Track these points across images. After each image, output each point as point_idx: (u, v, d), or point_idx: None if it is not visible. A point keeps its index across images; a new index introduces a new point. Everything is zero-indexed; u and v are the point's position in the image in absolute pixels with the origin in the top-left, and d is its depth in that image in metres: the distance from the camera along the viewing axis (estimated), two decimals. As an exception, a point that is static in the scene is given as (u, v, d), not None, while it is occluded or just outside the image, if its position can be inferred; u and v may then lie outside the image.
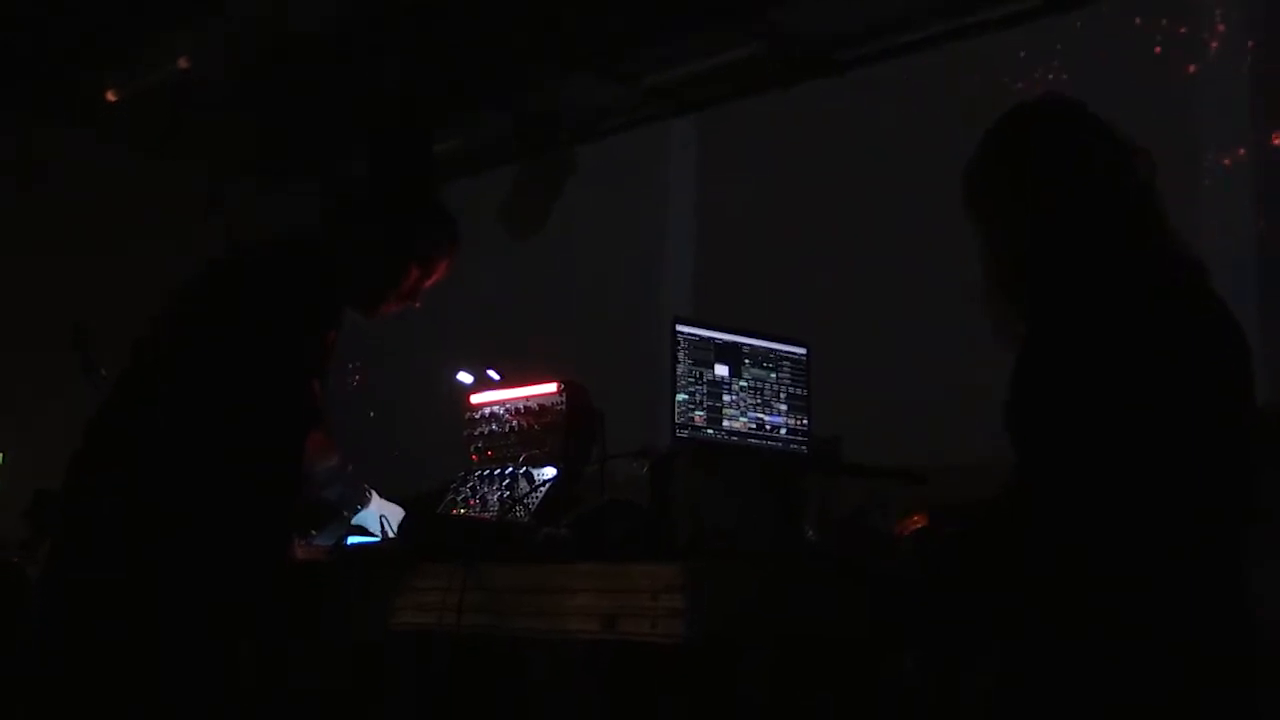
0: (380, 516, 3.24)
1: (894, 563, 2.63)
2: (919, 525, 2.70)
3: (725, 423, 2.98)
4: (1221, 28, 5.00)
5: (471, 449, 3.38)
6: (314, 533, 3.28)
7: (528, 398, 3.28)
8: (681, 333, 2.95)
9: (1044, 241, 2.30)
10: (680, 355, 2.93)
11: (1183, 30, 5.09)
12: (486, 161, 7.55)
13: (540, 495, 3.06)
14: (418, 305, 3.32)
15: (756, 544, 2.69)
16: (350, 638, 4.13)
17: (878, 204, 5.87)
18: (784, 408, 3.09)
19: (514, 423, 3.29)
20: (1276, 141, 4.80)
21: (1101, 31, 5.26)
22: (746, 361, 3.04)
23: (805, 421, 3.12)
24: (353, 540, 3.26)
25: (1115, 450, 2.11)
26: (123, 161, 7.02)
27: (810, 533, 2.89)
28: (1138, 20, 5.18)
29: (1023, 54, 5.50)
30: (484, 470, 3.28)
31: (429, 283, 3.29)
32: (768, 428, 3.06)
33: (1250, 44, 4.92)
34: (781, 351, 3.10)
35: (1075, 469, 2.13)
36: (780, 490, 2.89)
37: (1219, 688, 2.12)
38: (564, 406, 3.20)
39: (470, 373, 3.52)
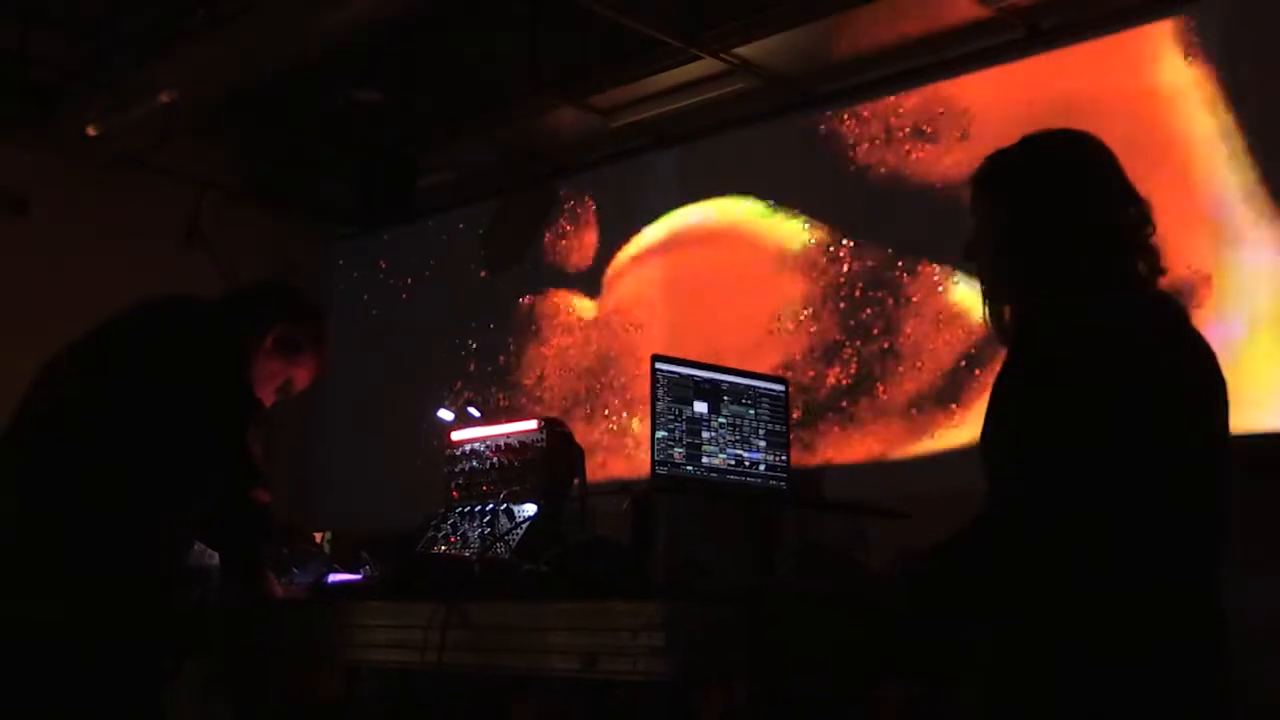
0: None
1: (876, 594, 2.63)
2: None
3: (704, 459, 3.00)
4: (1197, 42, 5.03)
5: (452, 485, 3.38)
6: (295, 570, 3.28)
7: (508, 435, 3.29)
8: (660, 370, 2.96)
9: (1039, 261, 2.35)
10: (659, 392, 2.95)
11: (1157, 58, 5.13)
12: (468, 195, 7.57)
13: (520, 532, 3.06)
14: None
15: (736, 580, 2.69)
16: (331, 674, 4.13)
17: (862, 234, 5.91)
18: (763, 444, 3.11)
19: (495, 459, 3.29)
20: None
21: (1076, 66, 5.31)
22: (725, 398, 3.05)
23: (784, 457, 3.14)
24: (334, 578, 3.26)
25: (1112, 463, 2.14)
26: (120, 190, 7.04)
27: (790, 568, 2.89)
28: (1110, 53, 5.23)
29: (999, 87, 5.54)
30: (464, 507, 3.28)
31: (298, 374, 3.27)
32: (746, 464, 3.07)
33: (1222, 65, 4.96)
34: (760, 388, 3.12)
35: (1070, 481, 2.14)
36: (760, 526, 2.90)
37: (1217, 700, 2.16)
38: (544, 443, 3.20)
39: (451, 410, 3.53)
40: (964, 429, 5.13)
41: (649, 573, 2.59)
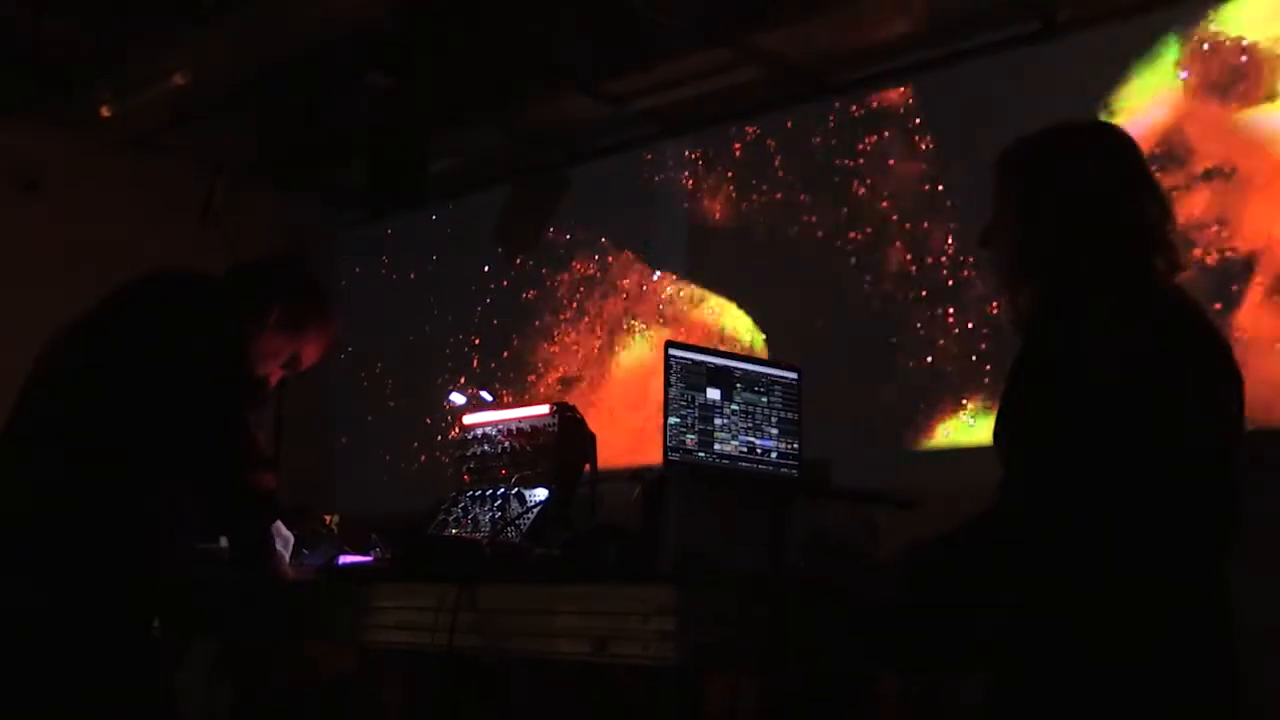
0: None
1: (881, 585, 2.63)
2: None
3: (717, 446, 2.99)
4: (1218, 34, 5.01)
5: (463, 469, 3.38)
6: (305, 552, 3.28)
7: (520, 419, 3.29)
8: (674, 356, 2.96)
9: (1049, 254, 2.35)
10: (672, 379, 2.94)
11: (1177, 47, 5.10)
12: (480, 181, 7.57)
13: (532, 516, 3.05)
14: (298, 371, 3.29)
15: (747, 567, 2.69)
16: (340, 655, 4.14)
17: (868, 224, 5.90)
18: (775, 431, 3.10)
19: (506, 444, 3.29)
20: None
21: (1093, 55, 5.29)
22: (738, 385, 3.05)
23: (796, 446, 3.13)
24: (344, 560, 3.26)
25: (1112, 463, 2.14)
26: (132, 170, 7.04)
27: (800, 557, 2.89)
28: (1125, 43, 5.21)
29: (1011, 78, 5.52)
30: (476, 491, 3.28)
31: (305, 350, 3.25)
32: (759, 451, 3.07)
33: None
34: (773, 375, 3.12)
35: (1070, 481, 2.15)
36: (771, 514, 2.90)
37: (1217, 700, 2.17)
38: (556, 428, 3.20)
39: (463, 393, 3.53)
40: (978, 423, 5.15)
41: (659, 559, 2.59)
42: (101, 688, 2.79)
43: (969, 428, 5.22)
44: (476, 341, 7.39)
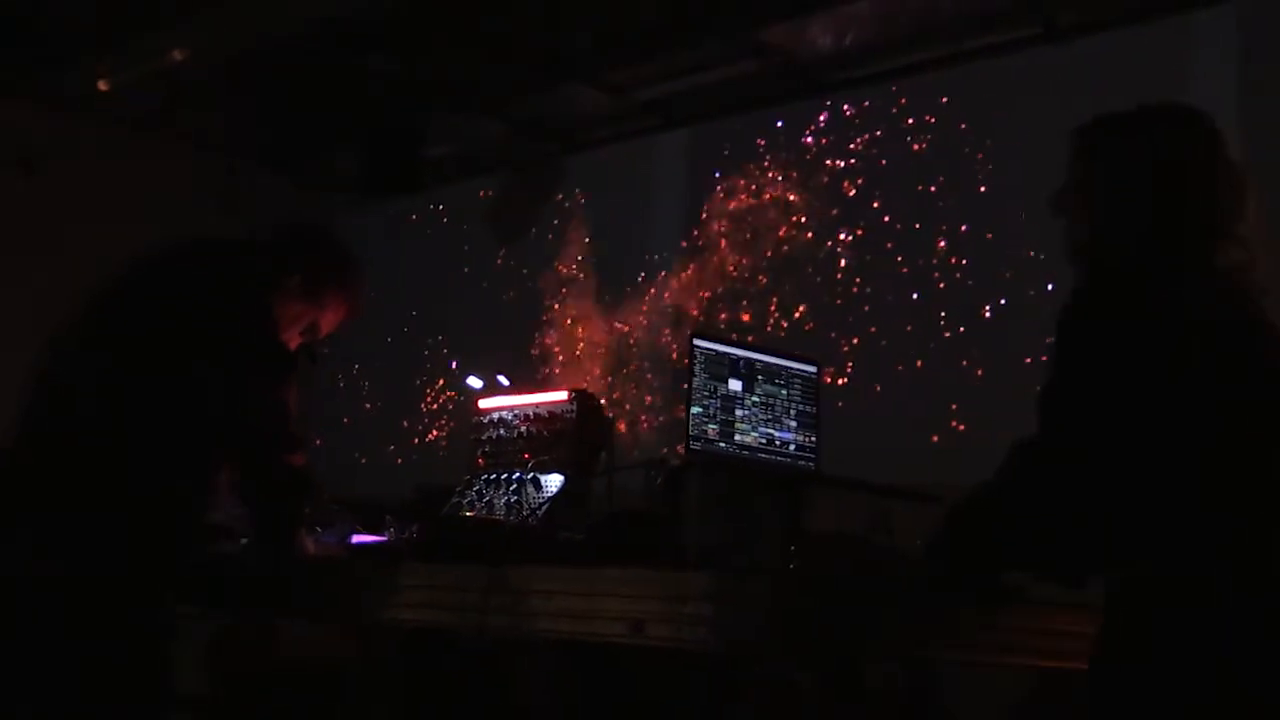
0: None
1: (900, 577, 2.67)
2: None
3: (737, 437, 3.03)
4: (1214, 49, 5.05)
5: (478, 453, 3.39)
6: (319, 530, 3.28)
7: (538, 404, 3.30)
8: (699, 347, 3.00)
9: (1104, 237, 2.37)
10: (696, 369, 2.98)
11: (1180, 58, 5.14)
12: (477, 168, 7.56)
13: (547, 502, 3.07)
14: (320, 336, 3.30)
15: (763, 558, 2.73)
16: (340, 639, 4.15)
17: (864, 220, 5.93)
18: (794, 424, 3.15)
19: (523, 428, 3.30)
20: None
21: (1096, 61, 5.32)
22: (759, 377, 3.09)
23: (813, 438, 3.18)
24: (357, 539, 3.27)
25: (1129, 452, 2.15)
26: (128, 151, 7.01)
27: (815, 548, 2.92)
28: (1133, 51, 5.24)
29: (1013, 79, 5.55)
30: (490, 474, 3.29)
31: (324, 316, 3.26)
32: (777, 443, 3.11)
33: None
34: (793, 369, 3.16)
35: (1087, 471, 2.17)
36: (788, 506, 2.93)
37: (1215, 701, 2.15)
38: (574, 414, 3.22)
39: (480, 377, 3.54)
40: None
41: (684, 546, 2.62)
42: (108, 663, 2.77)
43: (960, 432, 5.27)
44: (476, 323, 7.37)
